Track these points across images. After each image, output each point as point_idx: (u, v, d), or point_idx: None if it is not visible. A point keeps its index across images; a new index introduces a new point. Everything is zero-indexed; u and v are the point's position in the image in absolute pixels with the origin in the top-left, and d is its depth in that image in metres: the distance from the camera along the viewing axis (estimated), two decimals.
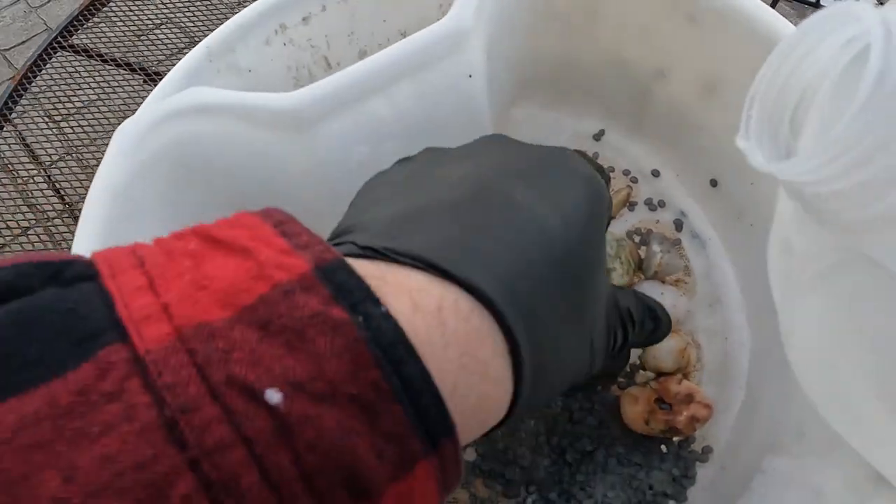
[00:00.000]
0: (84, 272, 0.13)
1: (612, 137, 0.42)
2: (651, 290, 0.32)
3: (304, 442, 0.12)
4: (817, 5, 0.84)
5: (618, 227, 0.39)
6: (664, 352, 0.34)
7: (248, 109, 0.29)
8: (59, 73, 0.64)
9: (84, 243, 0.26)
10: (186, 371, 0.11)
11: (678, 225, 0.39)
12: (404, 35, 0.41)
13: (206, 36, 0.33)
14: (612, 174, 0.41)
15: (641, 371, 0.36)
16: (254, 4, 0.34)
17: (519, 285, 0.17)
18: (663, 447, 0.34)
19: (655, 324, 0.29)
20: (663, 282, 0.32)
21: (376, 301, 0.13)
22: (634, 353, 0.36)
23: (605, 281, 0.23)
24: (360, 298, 0.13)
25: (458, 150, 0.25)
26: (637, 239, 0.39)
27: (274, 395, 0.12)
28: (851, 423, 0.21)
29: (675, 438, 0.34)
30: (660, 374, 0.35)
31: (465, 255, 0.17)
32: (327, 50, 0.38)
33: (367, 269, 0.14)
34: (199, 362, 0.12)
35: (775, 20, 0.31)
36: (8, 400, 0.11)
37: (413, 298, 0.15)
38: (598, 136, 0.42)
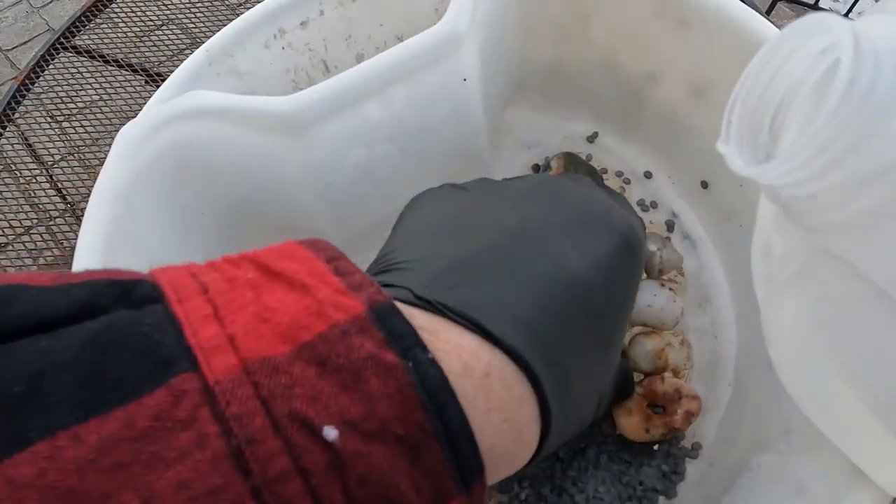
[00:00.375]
0: (151, 293, 0.14)
1: (606, 139, 0.43)
2: (649, 289, 0.32)
3: (355, 476, 0.12)
4: (816, 7, 0.84)
5: None
6: (641, 353, 0.34)
7: (245, 113, 0.30)
8: (62, 74, 0.65)
9: (88, 243, 0.27)
10: (252, 403, 0.12)
11: (670, 226, 0.40)
12: (401, 39, 0.41)
13: (208, 37, 0.34)
14: (605, 175, 0.42)
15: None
16: (253, 9, 0.34)
17: (556, 350, 0.18)
18: (654, 445, 0.34)
19: (623, 384, 0.31)
20: (662, 284, 0.33)
21: (424, 347, 0.14)
22: None
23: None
24: (410, 344, 0.14)
25: (511, 188, 0.25)
26: None
27: (331, 432, 0.12)
28: (829, 420, 0.22)
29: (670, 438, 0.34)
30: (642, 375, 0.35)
31: (512, 321, 0.18)
32: (325, 54, 0.38)
33: (420, 321, 0.15)
34: (263, 395, 0.12)
35: (763, 26, 0.32)
36: (91, 420, 0.11)
37: (463, 359, 0.16)
38: (591, 139, 0.43)
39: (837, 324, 0.18)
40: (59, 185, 0.63)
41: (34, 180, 0.66)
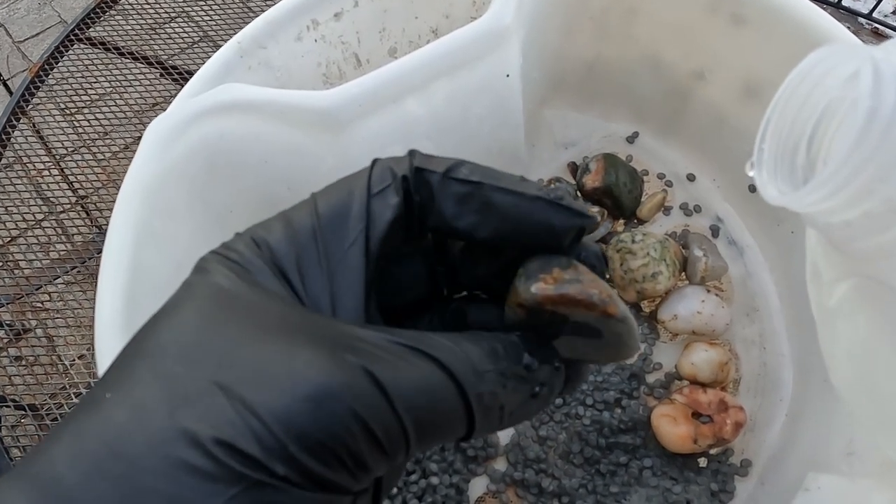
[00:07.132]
0: None
1: (646, 140, 0.41)
2: (693, 295, 0.31)
3: None
4: (839, 5, 0.83)
5: (654, 231, 0.38)
6: (703, 362, 0.33)
7: (282, 107, 0.28)
8: (76, 66, 0.64)
9: (117, 243, 0.26)
10: None
11: (714, 231, 0.38)
12: (435, 32, 0.40)
13: (218, 30, 0.32)
14: (645, 177, 0.40)
15: (677, 381, 0.35)
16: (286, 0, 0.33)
17: None
18: (700, 461, 0.33)
19: None
20: (708, 290, 0.31)
21: None
22: (670, 362, 0.35)
23: None
24: None
25: None
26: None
27: None
28: None
29: (713, 451, 0.33)
30: (693, 383, 0.34)
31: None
32: (358, 47, 0.37)
33: None
34: None
35: (824, 21, 0.30)
36: None
37: None
38: (631, 139, 0.41)
39: (890, 348, 0.17)
40: (70, 178, 0.62)
41: (40, 175, 0.65)
